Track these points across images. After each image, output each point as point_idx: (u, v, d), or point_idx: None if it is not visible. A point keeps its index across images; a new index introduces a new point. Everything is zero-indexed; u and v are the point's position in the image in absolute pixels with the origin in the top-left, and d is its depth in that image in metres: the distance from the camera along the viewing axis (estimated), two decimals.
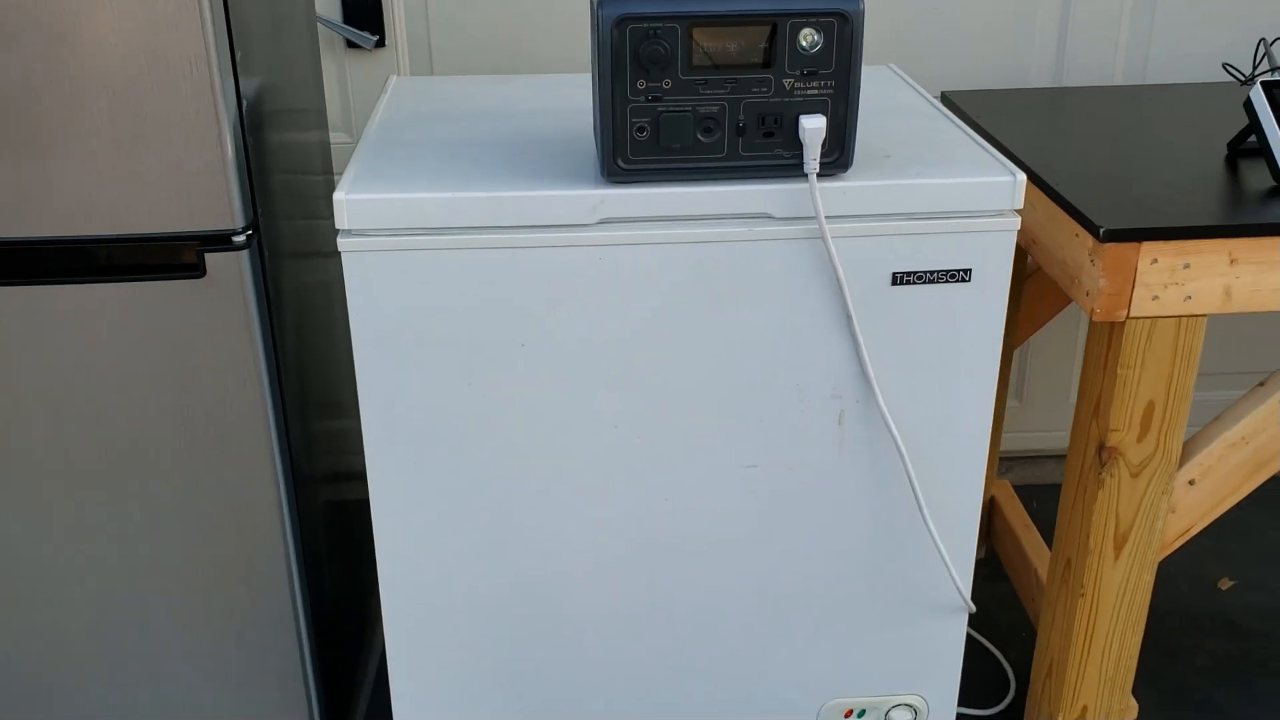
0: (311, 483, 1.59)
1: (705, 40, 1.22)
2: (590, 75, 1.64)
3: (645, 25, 1.20)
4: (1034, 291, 1.91)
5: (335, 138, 2.06)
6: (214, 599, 1.49)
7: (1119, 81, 2.07)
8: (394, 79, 1.70)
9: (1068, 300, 1.90)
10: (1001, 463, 2.42)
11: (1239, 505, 2.31)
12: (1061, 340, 2.30)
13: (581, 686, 1.53)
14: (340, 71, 2.01)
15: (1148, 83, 2.07)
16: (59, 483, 1.41)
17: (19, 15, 1.19)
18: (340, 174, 2.03)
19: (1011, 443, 2.39)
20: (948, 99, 1.86)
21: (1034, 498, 2.33)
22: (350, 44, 1.98)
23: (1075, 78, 2.07)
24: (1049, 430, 2.38)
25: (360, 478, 1.44)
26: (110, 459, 1.40)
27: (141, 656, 1.52)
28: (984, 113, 1.75)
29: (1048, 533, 2.21)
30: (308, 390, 1.58)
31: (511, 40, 2.00)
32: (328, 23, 1.95)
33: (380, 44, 1.98)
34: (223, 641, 1.52)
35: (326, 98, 2.02)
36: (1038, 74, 2.07)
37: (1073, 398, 2.35)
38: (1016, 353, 2.30)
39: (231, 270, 1.31)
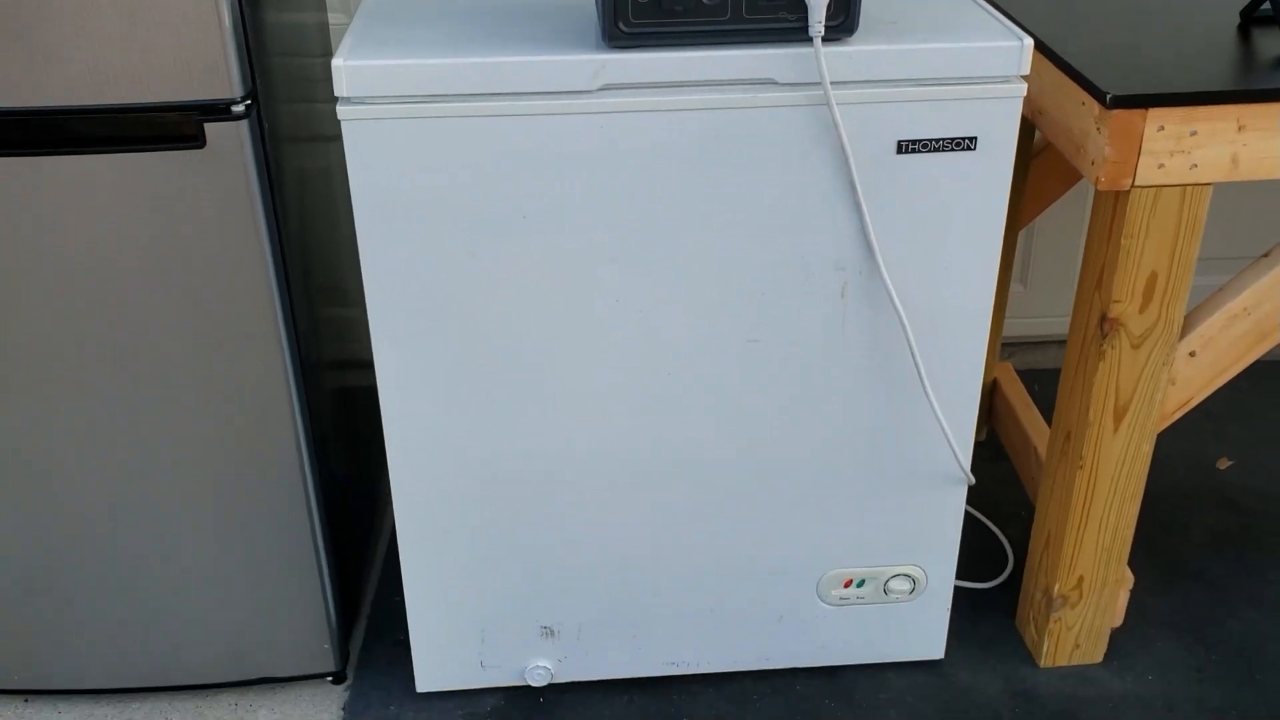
0: (319, 368, 1.59)
1: None
2: None
3: None
4: (1039, 171, 1.90)
5: (334, 19, 2.03)
6: (224, 481, 1.51)
7: None
8: None
9: (1075, 179, 1.89)
10: (1004, 348, 2.43)
11: (1239, 387, 2.33)
12: (1067, 224, 2.29)
13: (585, 556, 1.56)
14: None
15: None
16: (66, 361, 1.42)
17: None
18: None
19: (1014, 328, 2.39)
20: None
21: (1036, 381, 2.35)
22: None
23: None
24: (1052, 315, 2.38)
25: (368, 366, 1.44)
26: (117, 337, 1.41)
27: (152, 538, 1.54)
28: None
29: (1049, 415, 2.22)
30: (312, 274, 1.58)
31: None
32: None
33: None
34: (233, 523, 1.54)
35: None
36: None
37: (1077, 282, 2.35)
38: (1021, 237, 2.29)
39: (231, 140, 1.30)
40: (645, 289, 1.39)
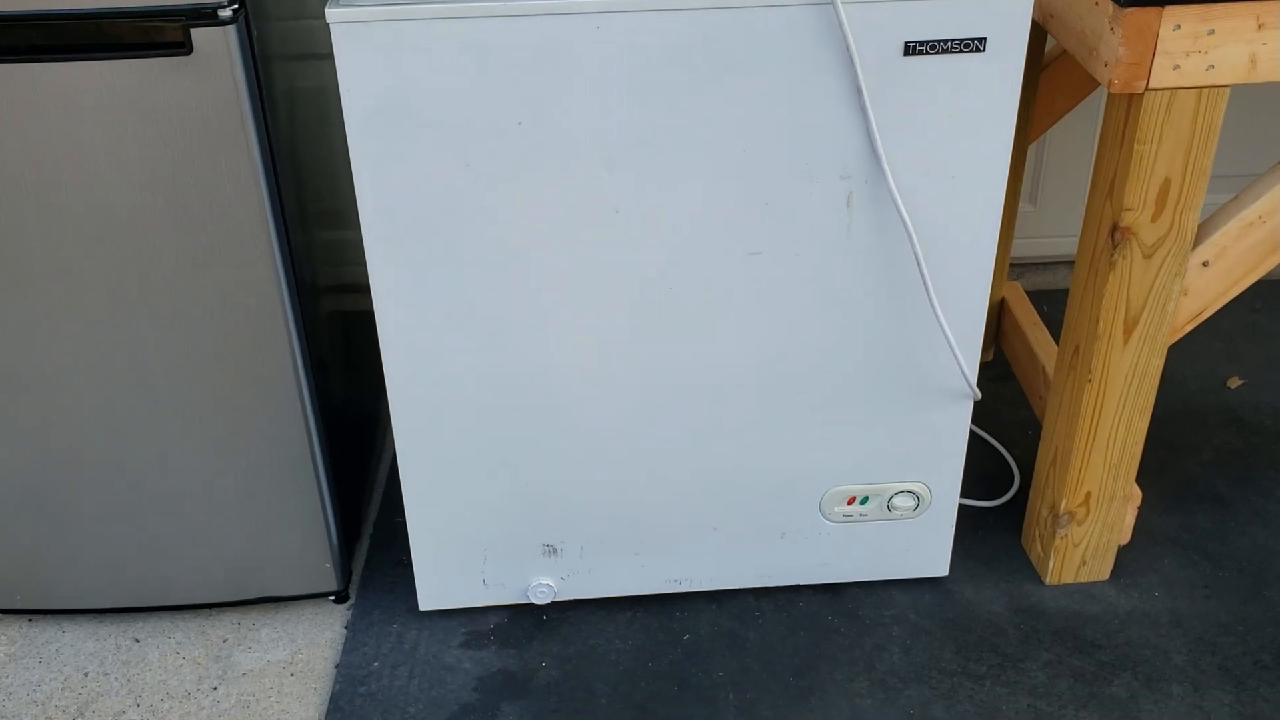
0: (315, 289, 1.57)
1: None
2: None
3: None
4: (1050, 82, 1.85)
5: None
6: (222, 399, 1.49)
7: None
8: None
9: (1086, 91, 1.84)
10: (1013, 268, 2.40)
11: (1251, 307, 2.29)
12: (1077, 142, 2.24)
13: (586, 473, 1.55)
14: None
15: None
16: (58, 281, 1.39)
17: None
18: None
19: (1023, 248, 2.36)
20: None
21: (1045, 302, 2.31)
22: None
23: None
24: (1062, 235, 2.34)
25: (366, 290, 1.42)
26: (108, 251, 1.38)
27: (151, 457, 1.53)
28: None
29: (1058, 335, 2.19)
30: (306, 195, 1.55)
31: None
32: None
33: None
34: (232, 442, 1.53)
35: None
36: None
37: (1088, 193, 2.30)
38: (1031, 154, 2.25)
39: (219, 46, 1.27)
40: (644, 198, 1.36)
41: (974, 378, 1.50)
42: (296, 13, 1.57)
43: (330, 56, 1.27)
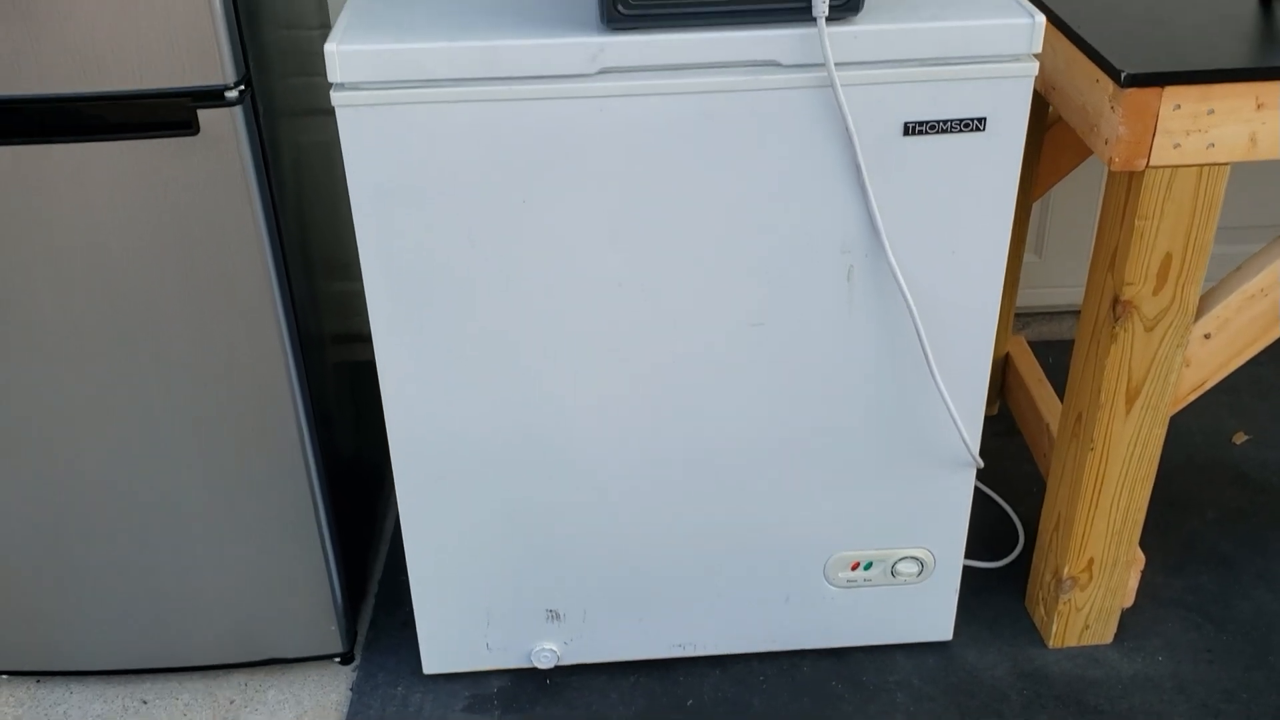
0: (320, 343, 1.58)
1: None
2: None
3: None
4: (1055, 141, 1.85)
5: None
6: (226, 459, 1.50)
7: None
8: None
9: (1089, 151, 1.85)
10: (1018, 318, 2.40)
11: (1257, 361, 2.29)
12: (1082, 195, 2.25)
13: (589, 537, 1.56)
14: None
15: None
16: (68, 347, 1.41)
17: None
18: None
19: (1028, 299, 2.36)
20: None
21: (1050, 354, 2.32)
22: None
23: None
24: (1067, 286, 2.35)
25: (371, 339, 1.43)
26: (117, 321, 1.40)
27: (157, 519, 1.54)
28: None
29: (1062, 388, 2.20)
30: (311, 250, 1.56)
31: None
32: None
33: None
34: (237, 502, 1.54)
35: None
36: None
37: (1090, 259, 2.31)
38: (1036, 206, 2.26)
39: (225, 127, 1.28)
40: (648, 272, 1.37)
41: (976, 448, 1.50)
42: (302, 69, 1.58)
43: (334, 111, 1.27)
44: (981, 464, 1.52)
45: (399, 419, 1.45)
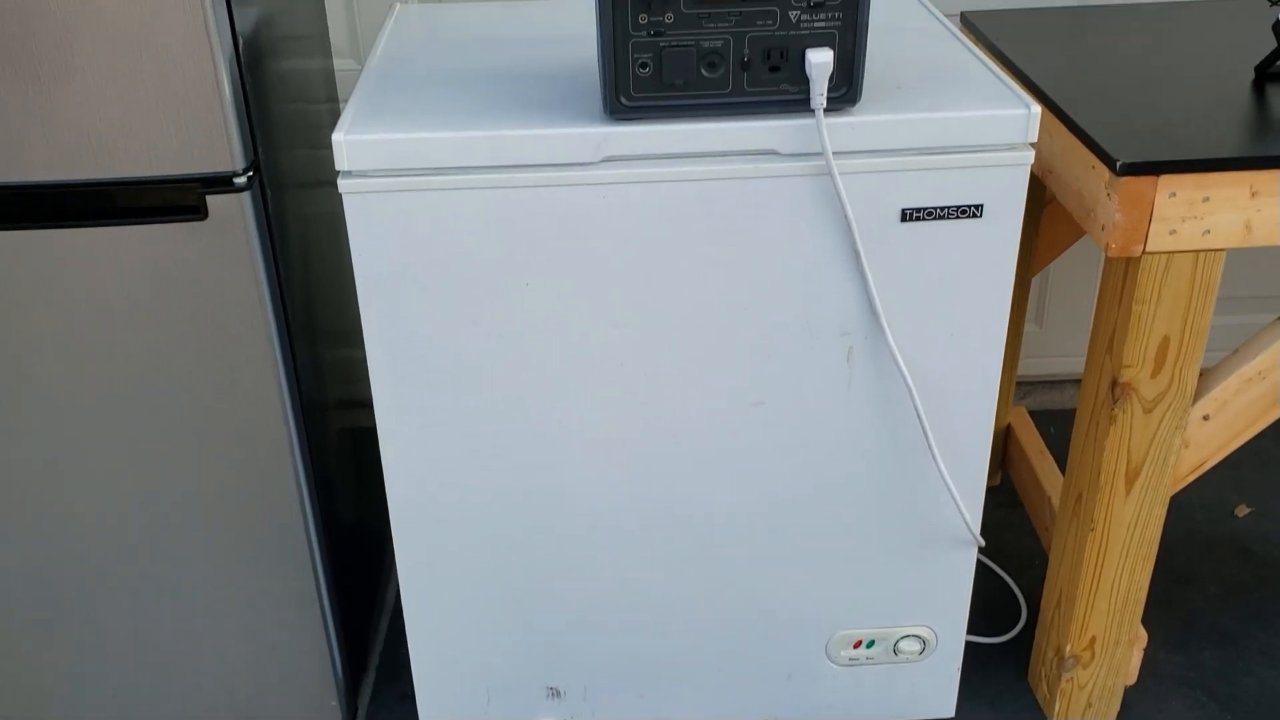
0: (322, 410, 1.59)
1: None
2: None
3: None
4: (1053, 218, 1.87)
5: (341, 64, 2.03)
6: (228, 529, 1.51)
7: None
8: (398, 7, 1.67)
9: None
10: (1019, 387, 2.41)
11: (1259, 434, 2.29)
12: (1082, 265, 2.26)
13: (590, 614, 1.56)
14: None
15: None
16: (72, 418, 1.42)
17: None
18: (345, 102, 2.00)
19: (1029, 368, 2.37)
20: (967, 20, 1.80)
21: (1051, 423, 2.32)
22: None
23: None
24: (1068, 355, 2.36)
25: (373, 405, 1.45)
26: (121, 395, 1.41)
27: (156, 583, 1.55)
28: (1003, 35, 1.70)
29: (1064, 459, 2.20)
30: (315, 319, 1.58)
31: None
32: None
33: None
34: (238, 570, 1.54)
35: (331, 24, 1.99)
36: None
37: (1089, 337, 2.32)
38: (1036, 277, 2.27)
39: (233, 211, 1.30)
40: (650, 352, 1.38)
41: (978, 528, 1.51)
42: (310, 141, 1.61)
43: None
44: (983, 543, 1.53)
45: (400, 494, 1.46)
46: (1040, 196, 1.86)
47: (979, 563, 1.94)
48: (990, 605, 1.89)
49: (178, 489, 1.48)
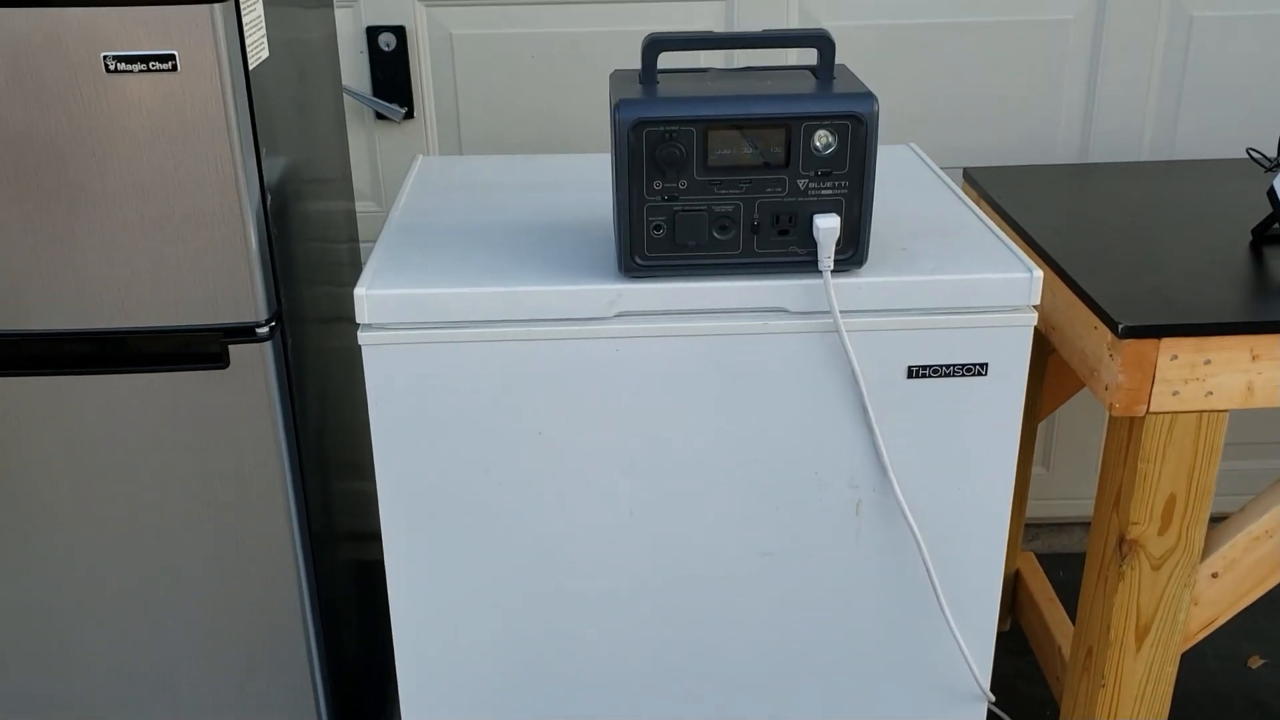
0: (331, 543, 1.60)
1: (721, 143, 1.23)
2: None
3: (662, 129, 1.21)
4: (1057, 368, 1.90)
5: (363, 206, 2.09)
6: (234, 661, 1.51)
7: (1146, 155, 2.06)
8: (420, 159, 1.73)
9: None
10: (1027, 529, 2.40)
11: None
12: (1089, 409, 2.28)
13: None
14: (369, 142, 2.04)
15: (1176, 157, 2.06)
16: (83, 551, 1.44)
17: (57, 117, 1.22)
18: (365, 242, 2.06)
19: (1037, 510, 2.37)
20: (970, 176, 1.86)
21: (1060, 567, 2.31)
22: (379, 115, 2.01)
23: (1101, 149, 2.06)
24: (1075, 498, 2.36)
25: (381, 538, 1.46)
26: (134, 531, 1.43)
27: (161, 714, 1.53)
28: (1005, 192, 1.75)
29: (1072, 603, 2.18)
30: (328, 454, 1.60)
31: (539, 114, 2.02)
32: (356, 95, 1.99)
33: (409, 116, 2.01)
34: (243, 702, 1.53)
35: (355, 168, 2.06)
36: (1064, 145, 2.06)
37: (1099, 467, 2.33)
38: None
39: (254, 360, 1.34)
40: (659, 502, 1.40)
41: (987, 683, 1.49)
42: (331, 279, 1.65)
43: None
44: (993, 699, 1.51)
45: (406, 635, 1.45)
46: (1044, 347, 1.89)
47: (990, 714, 1.91)
48: None
49: (184, 620, 1.48)
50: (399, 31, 1.96)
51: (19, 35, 1.18)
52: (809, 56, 1.99)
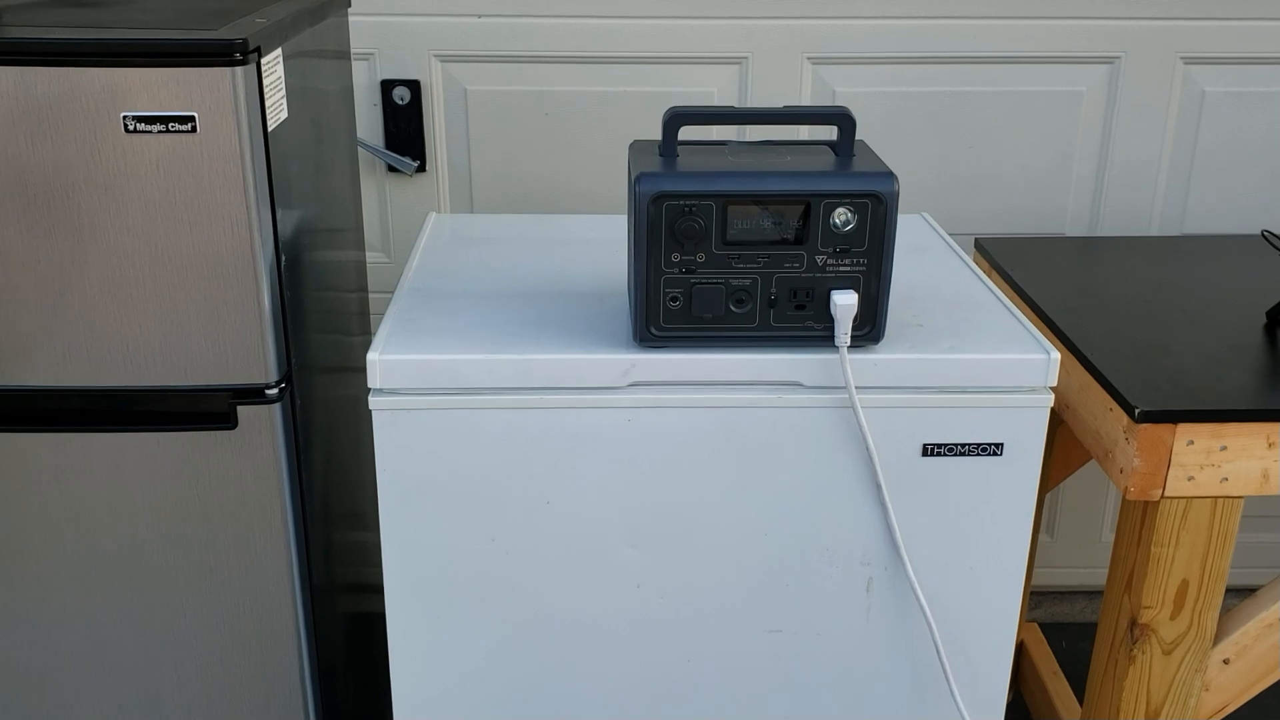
0: (330, 595, 1.58)
1: (740, 217, 1.22)
2: (627, 222, 1.66)
3: (682, 202, 1.21)
4: (1066, 440, 1.89)
5: (373, 258, 2.08)
6: (231, 717, 1.48)
7: (1156, 229, 2.07)
8: (433, 216, 1.72)
9: None
10: (1032, 597, 2.38)
11: None
12: (1093, 477, 2.27)
13: None
14: (381, 195, 2.04)
15: (1185, 232, 2.06)
16: (84, 608, 1.42)
17: (75, 175, 1.21)
18: (374, 293, 2.05)
19: (1041, 578, 2.35)
20: (981, 246, 1.86)
21: (1063, 636, 2.29)
22: (392, 169, 2.01)
23: (1112, 223, 2.06)
24: (1080, 566, 2.34)
25: (382, 590, 1.44)
26: (133, 589, 1.41)
27: None
28: (1018, 265, 1.75)
29: (1076, 674, 2.16)
30: (331, 507, 1.58)
31: (551, 171, 2.03)
32: (370, 148, 1.99)
33: (421, 169, 2.01)
34: None
35: (366, 220, 2.05)
36: (1074, 216, 2.07)
37: (1105, 535, 2.32)
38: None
39: (262, 421, 1.32)
40: (667, 574, 1.38)
41: None
42: (338, 327, 1.64)
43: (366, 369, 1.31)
44: None
45: (406, 697, 1.43)
46: (1054, 419, 1.88)
47: None
48: None
49: (183, 676, 1.46)
50: (414, 85, 1.96)
51: (40, 92, 1.18)
52: (826, 128, 1.99)
